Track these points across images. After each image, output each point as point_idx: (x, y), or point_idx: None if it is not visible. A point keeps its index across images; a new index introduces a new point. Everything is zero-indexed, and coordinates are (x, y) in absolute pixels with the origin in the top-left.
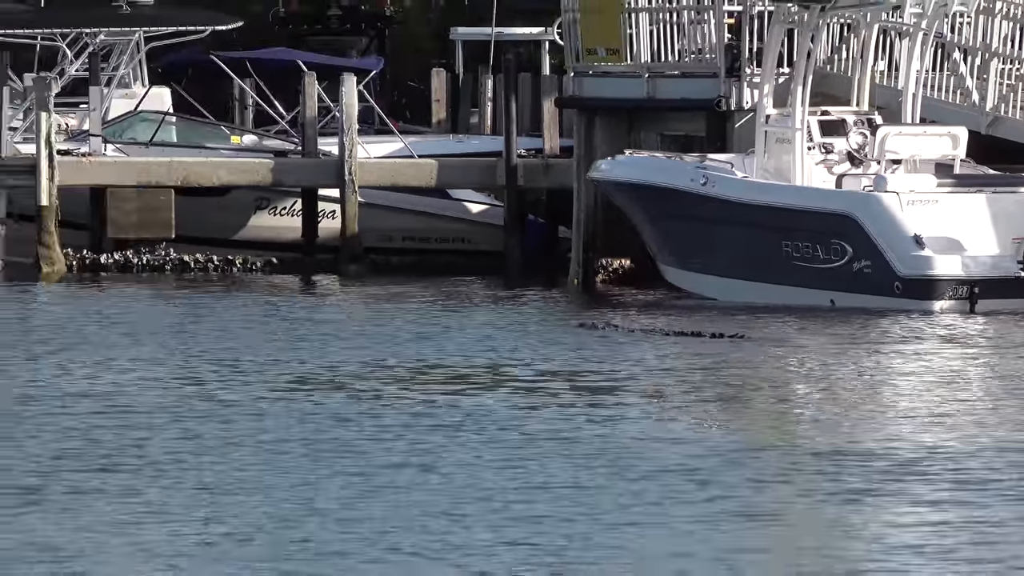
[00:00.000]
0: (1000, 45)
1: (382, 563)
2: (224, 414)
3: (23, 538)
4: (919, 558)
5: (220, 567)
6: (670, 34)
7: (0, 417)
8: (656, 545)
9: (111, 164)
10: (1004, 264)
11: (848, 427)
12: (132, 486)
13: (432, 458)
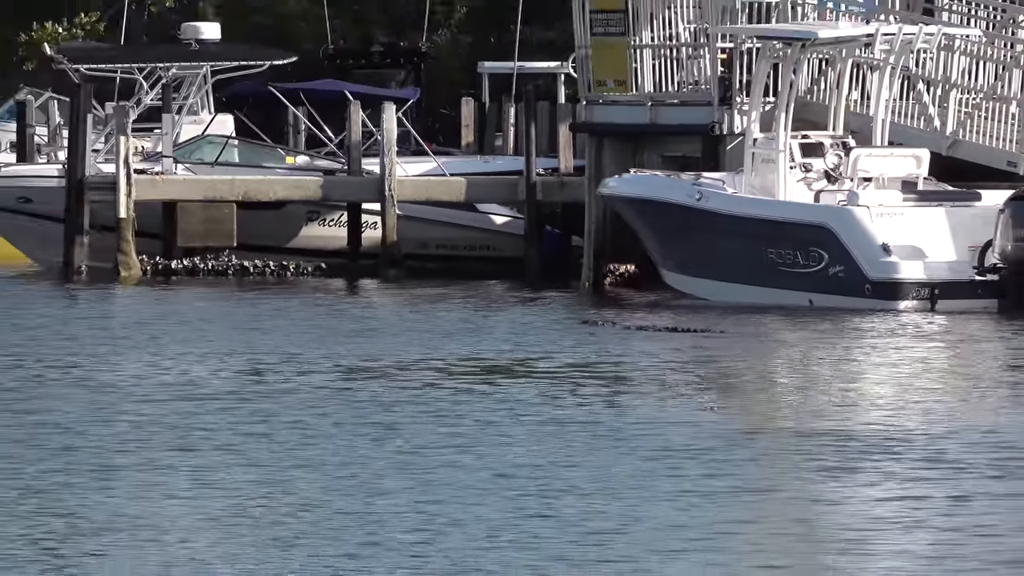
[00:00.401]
0: (958, 78)
1: (424, 526)
2: (285, 399)
3: (111, 508)
4: (890, 526)
5: (278, 531)
6: (670, 68)
7: (88, 403)
8: (661, 513)
9: (181, 181)
10: (961, 269)
11: (824, 411)
12: (204, 463)
13: (468, 437)
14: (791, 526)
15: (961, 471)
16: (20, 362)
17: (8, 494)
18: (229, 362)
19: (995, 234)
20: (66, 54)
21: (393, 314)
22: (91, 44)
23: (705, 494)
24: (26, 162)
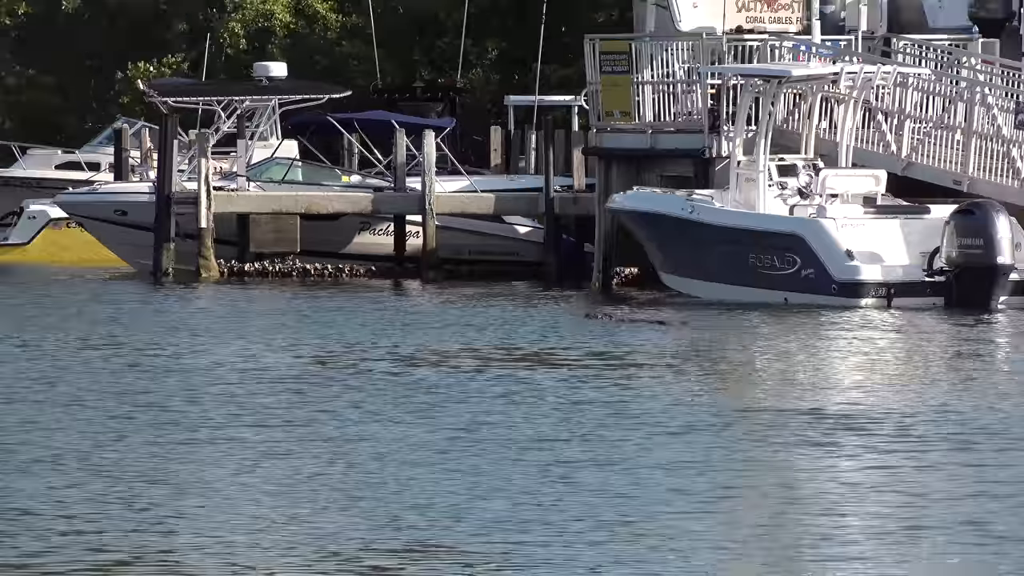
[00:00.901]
0: (911, 110)
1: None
2: (345, 381)
3: (195, 474)
4: (859, 489)
5: (342, 494)
6: (667, 101)
7: (177, 384)
8: (655, 479)
9: (253, 197)
10: (913, 272)
11: (797, 391)
12: (275, 436)
13: (499, 411)
14: (773, 489)
15: (916, 442)
16: (118, 349)
17: (110, 460)
18: (296, 350)
19: (942, 242)
20: (156, 89)
21: (433, 310)
22: (177, 80)
23: (696, 462)
24: (122, 180)
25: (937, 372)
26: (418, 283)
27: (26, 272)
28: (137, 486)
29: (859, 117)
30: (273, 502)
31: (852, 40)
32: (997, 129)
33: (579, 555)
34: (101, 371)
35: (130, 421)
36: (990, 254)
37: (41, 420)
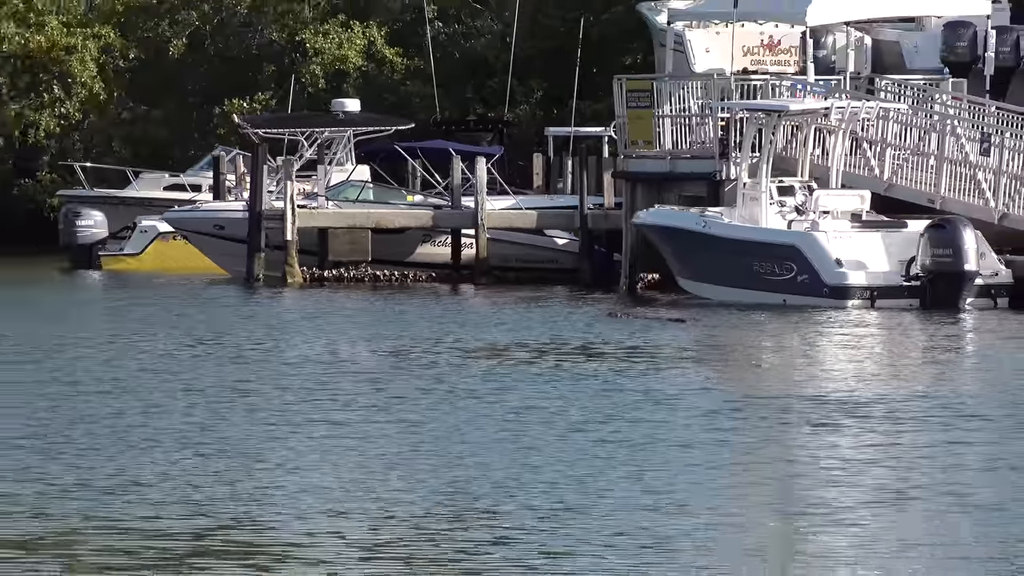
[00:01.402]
0: (892, 139)
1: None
2: (415, 370)
3: (286, 450)
4: (848, 462)
5: (406, 468)
6: (684, 132)
7: (269, 372)
8: (678, 453)
9: (331, 213)
10: (893, 277)
11: (794, 379)
12: (353, 417)
13: (545, 397)
14: (778, 460)
15: (897, 420)
16: (221, 343)
17: (215, 438)
18: (370, 344)
19: (917, 252)
20: (249, 122)
21: (485, 310)
22: (266, 115)
23: (712, 439)
24: (220, 200)
25: (914, 363)
26: (471, 287)
27: (138, 279)
28: (237, 460)
29: (847, 145)
30: (352, 474)
31: (841, 80)
32: (965, 156)
33: (615, 515)
34: (204, 362)
35: (231, 405)
36: (958, 262)
37: (157, 404)
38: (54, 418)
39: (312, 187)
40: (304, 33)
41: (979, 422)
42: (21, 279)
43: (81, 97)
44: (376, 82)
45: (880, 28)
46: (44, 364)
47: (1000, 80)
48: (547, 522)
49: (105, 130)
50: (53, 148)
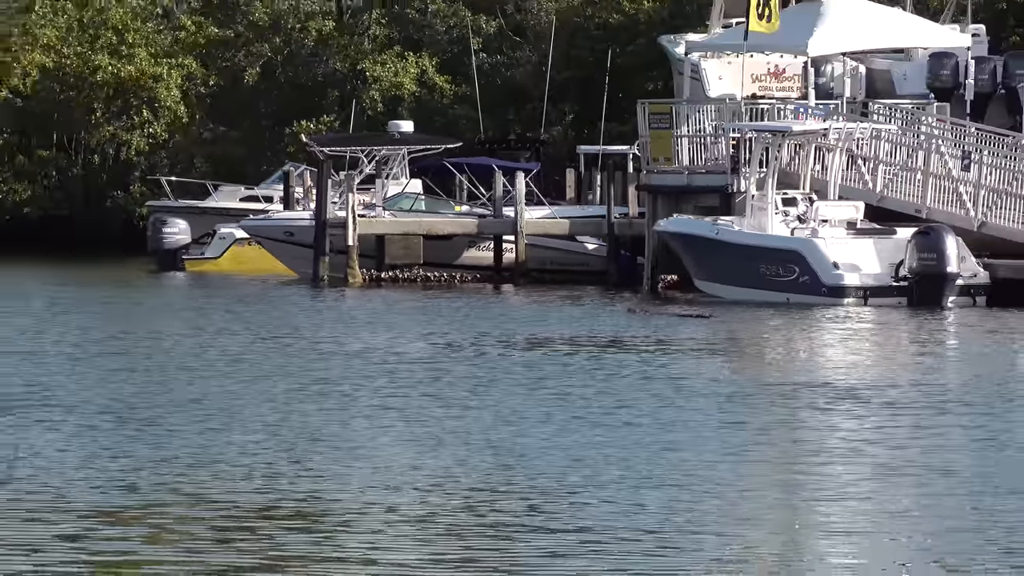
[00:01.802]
0: (884, 156)
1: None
2: (464, 359)
3: (352, 434)
4: (846, 439)
5: (459, 446)
6: (700, 150)
7: (333, 363)
8: (699, 433)
9: (387, 222)
10: (883, 278)
11: (797, 367)
12: (410, 403)
13: (580, 383)
14: (785, 439)
15: (888, 403)
16: (291, 336)
17: (282, 420)
18: (424, 336)
19: (905, 256)
20: (315, 141)
21: (525, 307)
22: (330, 135)
23: (727, 420)
24: (289, 210)
25: (902, 354)
26: (512, 287)
27: (217, 280)
28: (306, 439)
29: (843, 162)
30: (410, 451)
31: (838, 104)
32: (948, 171)
33: (644, 487)
34: (277, 352)
35: (300, 390)
36: (942, 265)
37: (235, 390)
38: (146, 401)
39: (371, 198)
40: (364, 63)
41: (961, 405)
42: (115, 280)
43: (167, 119)
44: (428, 106)
45: (873, 58)
46: (137, 354)
47: (979, 104)
48: (581, 491)
49: (188, 148)
50: (143, 164)
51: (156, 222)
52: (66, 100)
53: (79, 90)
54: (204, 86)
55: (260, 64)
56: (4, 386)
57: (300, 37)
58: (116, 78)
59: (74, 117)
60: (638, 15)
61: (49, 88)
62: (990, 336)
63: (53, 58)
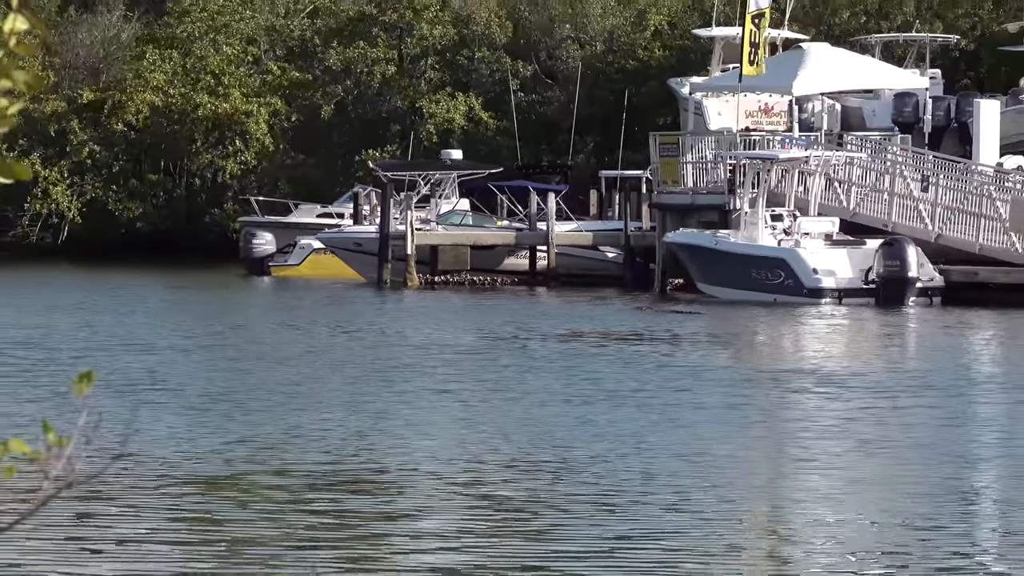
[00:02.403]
0: (856, 179)
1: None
2: (506, 350)
3: (406, 413)
4: (826, 418)
5: (499, 425)
6: (702, 174)
7: (392, 354)
8: (699, 414)
9: (440, 234)
10: (855, 282)
11: (783, 356)
12: (462, 387)
13: (604, 370)
14: (773, 419)
15: (859, 388)
16: (361, 329)
17: (353, 401)
18: (473, 330)
19: (874, 263)
20: (379, 167)
21: (556, 305)
22: (392, 161)
23: (724, 401)
24: (358, 224)
25: (871, 345)
26: (544, 289)
27: (298, 283)
28: (372, 417)
29: (822, 184)
30: (461, 426)
31: (818, 135)
32: (910, 191)
33: (657, 458)
34: (349, 343)
35: (369, 375)
36: (904, 271)
37: (314, 375)
38: (240, 384)
39: (426, 215)
40: (421, 101)
41: (923, 387)
42: (211, 284)
43: (256, 149)
44: (474, 137)
45: (847, 97)
46: (232, 346)
47: (935, 136)
48: (603, 460)
49: (273, 173)
50: (235, 186)
51: (247, 235)
52: (172, 132)
53: (183, 124)
54: (287, 121)
55: (334, 102)
56: (124, 372)
57: (367, 80)
58: (214, 114)
59: (178, 147)
60: (650, 61)
61: (158, 122)
62: (945, 330)
63: (161, 97)
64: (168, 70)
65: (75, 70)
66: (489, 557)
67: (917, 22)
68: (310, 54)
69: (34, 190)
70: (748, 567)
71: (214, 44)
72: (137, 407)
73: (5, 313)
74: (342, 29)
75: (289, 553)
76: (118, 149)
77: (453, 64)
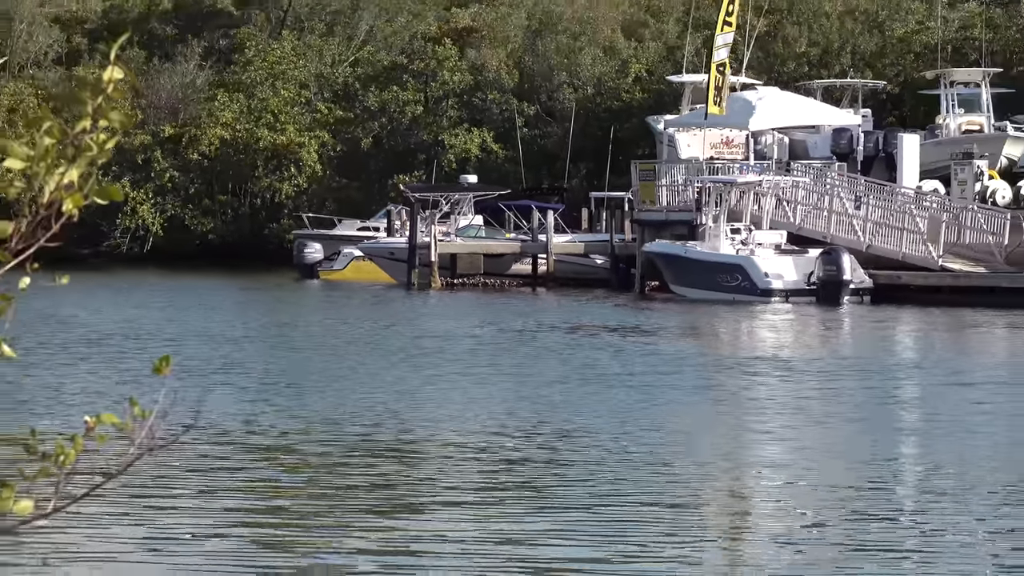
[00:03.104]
0: (801, 199)
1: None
2: (513, 338)
3: (427, 393)
4: (776, 397)
5: (505, 404)
6: (674, 195)
7: (421, 341)
8: (671, 394)
9: (458, 244)
10: (800, 284)
11: (740, 344)
12: (477, 372)
13: (595, 357)
14: (732, 397)
15: (804, 371)
16: (394, 321)
17: (383, 382)
18: (484, 324)
19: (815, 268)
20: (408, 189)
21: (554, 303)
22: (419, 184)
23: (689, 382)
24: (391, 236)
25: (813, 335)
26: (544, 290)
27: (342, 285)
28: (404, 395)
29: (773, 203)
30: (477, 402)
31: (770, 163)
32: (845, 209)
33: (640, 427)
34: (384, 331)
35: (398, 360)
36: (840, 274)
37: (355, 358)
38: (294, 367)
39: (447, 228)
40: (443, 135)
41: (855, 371)
42: (270, 286)
43: (307, 174)
44: (486, 165)
45: (793, 132)
46: (288, 335)
47: (866, 164)
48: (595, 429)
49: (321, 194)
50: (289, 205)
51: (299, 245)
52: (237, 161)
53: (247, 154)
54: (333, 151)
55: (371, 136)
56: (200, 358)
57: (399, 117)
58: (272, 145)
59: (243, 172)
60: (632, 102)
61: (226, 153)
62: (874, 324)
63: (229, 132)
64: (235, 109)
65: (158, 109)
66: (498, 508)
67: (851, 70)
68: (352, 96)
69: (124, 208)
70: (710, 511)
71: (273, 88)
72: (208, 386)
73: (102, 309)
74: (378, 76)
75: (333, 507)
76: (193, 174)
77: (469, 104)
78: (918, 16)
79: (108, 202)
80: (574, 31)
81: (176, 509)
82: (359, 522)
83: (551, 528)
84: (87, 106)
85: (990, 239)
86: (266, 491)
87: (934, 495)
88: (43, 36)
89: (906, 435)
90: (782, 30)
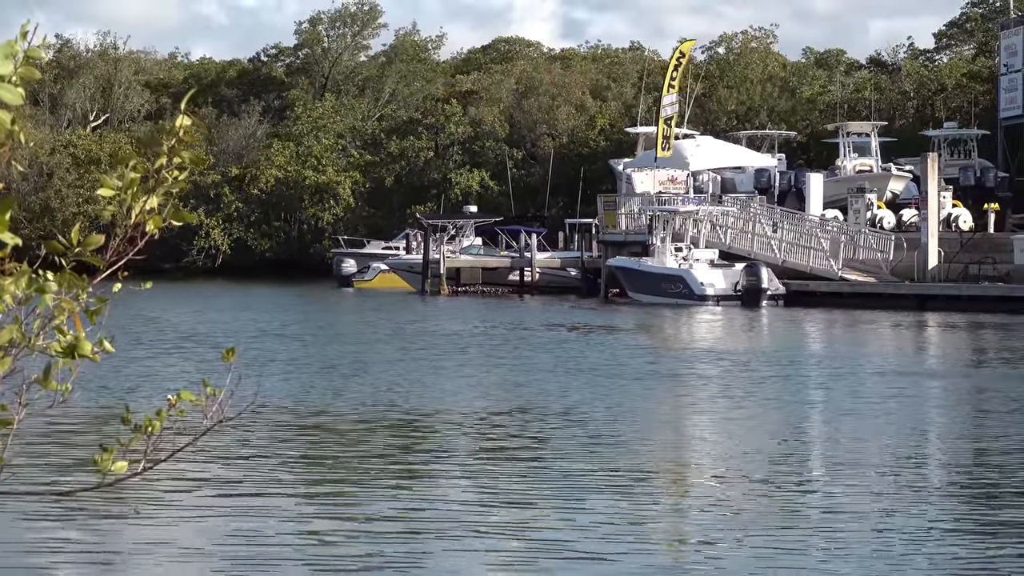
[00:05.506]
0: (730, 224)
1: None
2: (506, 335)
3: (438, 387)
4: (714, 383)
5: (501, 390)
6: (632, 220)
7: (431, 338)
8: (633, 382)
9: (462, 260)
10: (728, 290)
11: (682, 339)
12: (473, 361)
13: (574, 351)
14: (681, 386)
15: (732, 362)
16: (411, 322)
17: (403, 372)
18: (483, 321)
19: (740, 278)
20: (423, 217)
21: (538, 308)
22: (431, 213)
23: (642, 373)
24: (409, 254)
25: (739, 333)
26: (530, 296)
27: (371, 292)
28: (413, 383)
29: (708, 227)
30: (473, 388)
31: (706, 196)
32: (765, 232)
33: (616, 414)
34: (403, 330)
35: (415, 353)
36: (759, 283)
37: (380, 352)
38: (333, 358)
39: (453, 247)
40: (450, 174)
41: (772, 361)
42: (314, 294)
43: (343, 205)
44: (484, 198)
45: (724, 171)
46: (328, 332)
47: (781, 197)
48: (574, 409)
49: (354, 221)
50: (329, 230)
51: (337, 260)
52: (288, 195)
53: (296, 189)
54: (363, 187)
55: (393, 175)
56: (258, 351)
57: (415, 160)
58: (316, 183)
59: (293, 204)
60: (598, 149)
61: (279, 188)
62: (788, 323)
63: (282, 172)
64: (286, 155)
65: (227, 155)
66: (493, 476)
67: (769, 124)
68: (378, 144)
69: (199, 232)
70: (658, 478)
71: (316, 138)
72: (265, 371)
73: (183, 312)
74: (399, 128)
75: (361, 470)
76: (254, 205)
77: (470, 150)
78: (821, 81)
79: (184, 224)
80: (552, 93)
81: (240, 467)
82: (380, 479)
83: (530, 486)
84: (164, 146)
85: (879, 256)
86: (309, 457)
87: (832, 465)
88: (136, 98)
89: (810, 411)
90: (715, 92)
